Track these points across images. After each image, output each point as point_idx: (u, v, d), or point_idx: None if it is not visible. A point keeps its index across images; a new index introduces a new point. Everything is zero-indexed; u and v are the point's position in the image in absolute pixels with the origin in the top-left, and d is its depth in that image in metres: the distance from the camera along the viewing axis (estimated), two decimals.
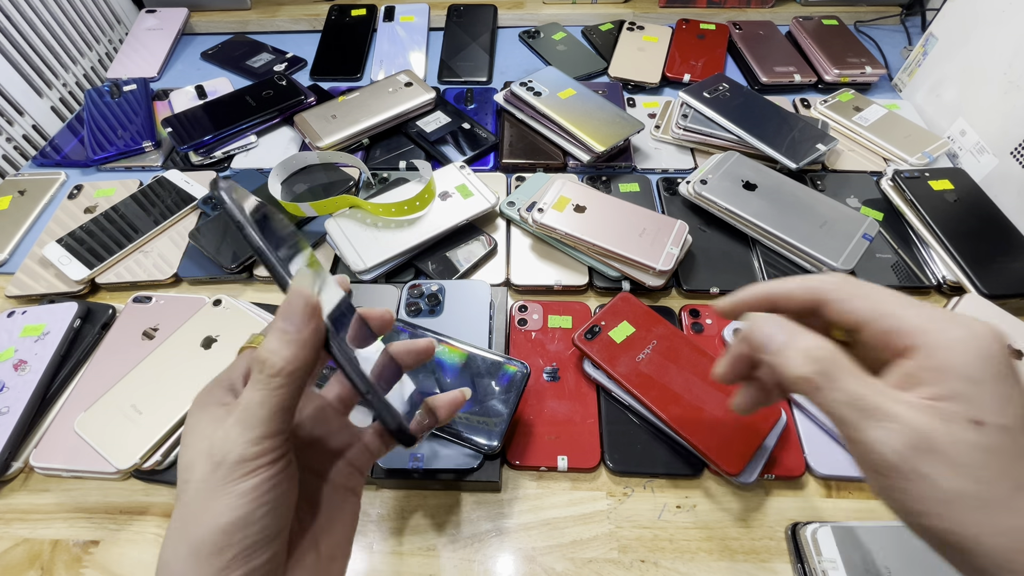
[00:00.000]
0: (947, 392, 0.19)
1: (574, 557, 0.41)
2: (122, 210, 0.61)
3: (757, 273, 0.56)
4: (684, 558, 0.40)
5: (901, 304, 0.22)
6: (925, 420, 0.18)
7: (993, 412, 0.18)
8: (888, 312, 0.21)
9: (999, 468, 0.18)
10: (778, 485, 0.44)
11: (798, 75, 0.78)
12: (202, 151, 0.68)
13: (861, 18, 0.91)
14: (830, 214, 0.57)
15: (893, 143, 0.68)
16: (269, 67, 0.83)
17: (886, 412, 0.19)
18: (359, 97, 0.71)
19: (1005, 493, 0.18)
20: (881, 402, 0.19)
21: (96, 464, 0.43)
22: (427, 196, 0.58)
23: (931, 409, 0.19)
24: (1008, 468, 0.18)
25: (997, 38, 0.64)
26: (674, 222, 0.56)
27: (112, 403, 0.45)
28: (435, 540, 0.42)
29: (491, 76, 0.82)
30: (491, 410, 0.44)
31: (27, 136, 0.73)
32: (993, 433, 0.18)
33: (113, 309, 0.54)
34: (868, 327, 0.22)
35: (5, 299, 0.56)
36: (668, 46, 0.84)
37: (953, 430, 0.18)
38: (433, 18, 0.90)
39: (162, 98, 0.77)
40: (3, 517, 0.43)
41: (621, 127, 0.66)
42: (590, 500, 0.43)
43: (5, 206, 0.64)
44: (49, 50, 0.76)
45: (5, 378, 0.47)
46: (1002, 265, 0.55)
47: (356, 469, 0.28)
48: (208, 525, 0.20)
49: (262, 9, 0.92)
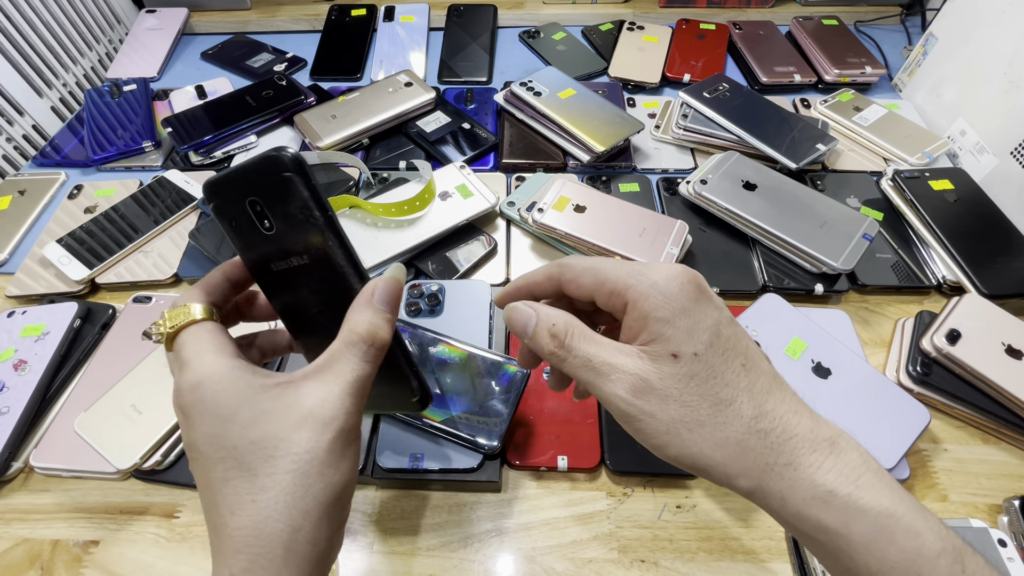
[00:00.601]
0: (650, 336, 0.21)
1: (574, 557, 0.41)
2: (122, 210, 0.61)
3: (757, 273, 0.56)
4: (684, 558, 0.40)
5: (615, 267, 0.23)
6: (639, 365, 0.21)
7: (683, 343, 0.21)
8: (605, 278, 0.23)
9: (698, 391, 0.20)
10: None
11: (798, 75, 0.78)
12: (202, 151, 0.68)
13: (861, 18, 0.91)
14: (830, 214, 0.57)
15: (893, 143, 0.68)
16: (269, 67, 0.83)
17: (611, 366, 0.22)
18: (359, 97, 0.71)
19: (707, 411, 0.20)
20: (607, 358, 0.22)
21: (96, 464, 0.43)
22: (427, 196, 0.58)
23: (643, 354, 0.21)
24: (705, 389, 0.20)
25: (997, 38, 0.64)
26: (674, 222, 0.56)
27: (112, 403, 0.45)
28: (435, 540, 0.42)
29: (491, 76, 0.82)
30: (491, 410, 0.44)
31: (27, 136, 0.73)
32: (687, 362, 0.20)
33: (113, 309, 0.54)
34: (597, 296, 0.24)
35: (5, 299, 0.56)
36: (668, 46, 0.84)
37: (660, 368, 0.21)
38: (433, 18, 0.90)
39: (162, 98, 0.77)
40: (3, 517, 0.43)
41: (621, 127, 0.66)
42: (590, 500, 0.43)
43: (5, 206, 0.64)
44: (49, 50, 0.76)
45: (5, 378, 0.47)
46: (1002, 265, 0.55)
47: None
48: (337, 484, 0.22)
49: (262, 9, 0.92)
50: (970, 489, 0.44)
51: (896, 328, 0.53)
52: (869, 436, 0.43)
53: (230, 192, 0.25)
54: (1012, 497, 0.42)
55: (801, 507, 0.20)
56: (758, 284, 0.55)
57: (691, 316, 0.21)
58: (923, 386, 0.47)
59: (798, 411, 0.21)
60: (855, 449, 0.21)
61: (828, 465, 0.20)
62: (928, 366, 0.47)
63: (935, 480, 0.44)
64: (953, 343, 0.46)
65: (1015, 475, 0.45)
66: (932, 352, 0.47)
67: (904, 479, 0.43)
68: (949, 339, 0.47)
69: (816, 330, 0.49)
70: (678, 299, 0.21)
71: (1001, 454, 0.46)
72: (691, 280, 0.22)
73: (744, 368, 0.21)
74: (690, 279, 0.22)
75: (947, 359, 0.47)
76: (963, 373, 0.46)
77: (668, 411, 0.21)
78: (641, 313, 0.22)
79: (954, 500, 0.43)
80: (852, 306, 0.56)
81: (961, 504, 0.43)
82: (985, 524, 0.40)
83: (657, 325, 0.21)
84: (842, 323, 0.52)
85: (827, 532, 0.20)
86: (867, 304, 0.56)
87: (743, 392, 0.21)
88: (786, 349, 0.48)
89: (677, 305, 0.21)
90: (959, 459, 0.46)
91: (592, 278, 0.24)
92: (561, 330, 0.23)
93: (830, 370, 0.47)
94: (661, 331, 0.21)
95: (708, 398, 0.21)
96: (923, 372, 0.47)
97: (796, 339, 0.49)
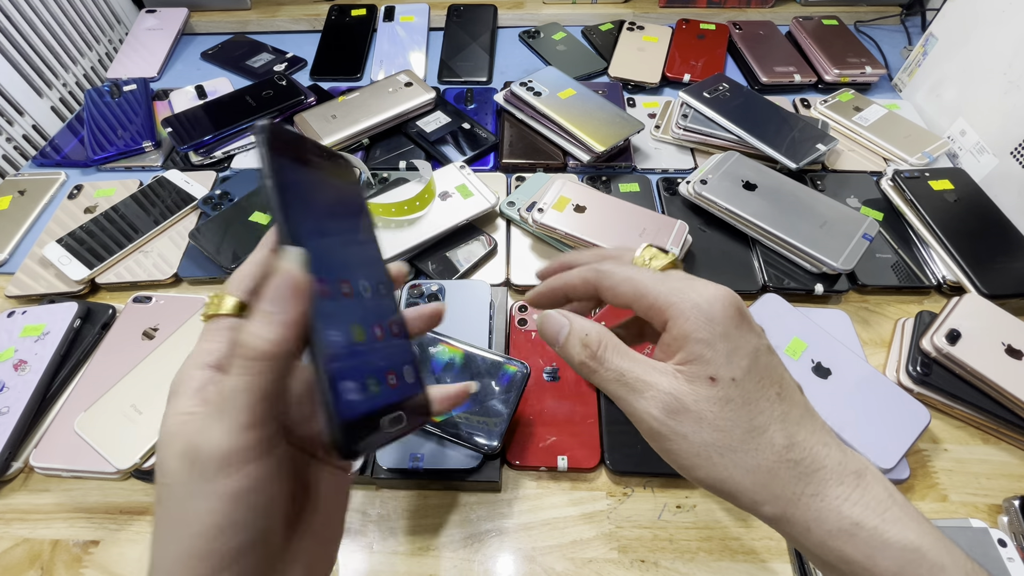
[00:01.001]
0: (688, 356, 0.21)
1: (574, 557, 0.41)
2: (122, 210, 0.61)
3: (757, 273, 0.56)
4: (684, 558, 0.40)
5: (655, 281, 0.23)
6: (675, 385, 0.21)
7: (722, 367, 0.20)
8: (644, 292, 0.23)
9: (733, 416, 0.20)
10: None
11: (798, 75, 0.78)
12: (202, 151, 0.68)
13: (861, 18, 0.91)
14: (830, 214, 0.57)
15: (893, 143, 0.68)
16: (269, 67, 0.83)
17: (645, 383, 0.21)
18: (359, 97, 0.71)
19: (739, 436, 0.20)
20: (640, 374, 0.22)
21: (96, 464, 0.43)
22: (427, 196, 0.58)
23: (679, 374, 0.21)
24: (739, 415, 0.20)
25: (997, 38, 0.64)
26: (674, 222, 0.56)
27: (112, 403, 0.45)
28: (435, 540, 0.42)
29: (491, 76, 0.82)
30: (491, 410, 0.44)
31: (27, 136, 0.73)
32: (725, 386, 0.20)
33: (113, 309, 0.54)
34: (636, 308, 0.24)
35: (5, 299, 0.56)
36: (668, 46, 0.84)
37: (696, 389, 0.21)
38: (433, 18, 0.90)
39: (162, 98, 0.77)
40: (3, 517, 0.43)
41: (621, 127, 0.66)
42: (590, 500, 0.43)
43: (5, 206, 0.64)
44: (49, 50, 0.76)
45: (5, 378, 0.47)
46: (1002, 265, 0.55)
47: None
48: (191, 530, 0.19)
49: (262, 9, 0.92)
50: (970, 489, 0.44)
51: (896, 328, 0.53)
52: (869, 436, 0.43)
53: None
54: (1012, 497, 0.42)
55: (826, 538, 0.20)
56: (758, 284, 0.55)
57: (732, 340, 0.21)
58: (923, 386, 0.47)
59: (827, 443, 0.21)
60: (881, 483, 0.21)
61: (855, 497, 0.20)
62: (928, 366, 0.47)
63: (935, 480, 0.44)
64: (953, 343, 0.46)
65: (1015, 475, 0.45)
66: (932, 352, 0.47)
67: (904, 479, 0.43)
68: (949, 339, 0.47)
69: (816, 330, 0.49)
70: (720, 322, 0.21)
71: (1001, 454, 0.46)
72: (734, 303, 0.22)
73: (779, 397, 0.21)
74: (733, 302, 0.22)
75: (947, 359, 0.47)
76: (963, 373, 0.46)
77: (701, 434, 0.21)
78: (681, 332, 0.21)
79: (954, 500, 0.43)
80: (852, 306, 0.56)
81: (961, 504, 0.43)
82: (985, 524, 0.40)
83: (697, 346, 0.21)
84: (842, 323, 0.52)
85: (851, 564, 0.20)
86: (867, 304, 0.56)
87: (776, 421, 0.21)
88: (786, 349, 0.48)
89: (719, 328, 0.21)
90: (959, 459, 0.46)
91: (631, 289, 0.23)
92: (594, 341, 0.23)
93: (830, 370, 0.47)
94: (701, 352, 0.21)
95: (742, 424, 0.21)
96: (923, 372, 0.47)
97: (796, 339, 0.49)
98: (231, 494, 0.19)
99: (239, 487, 0.19)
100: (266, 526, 0.20)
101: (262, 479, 0.19)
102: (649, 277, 0.23)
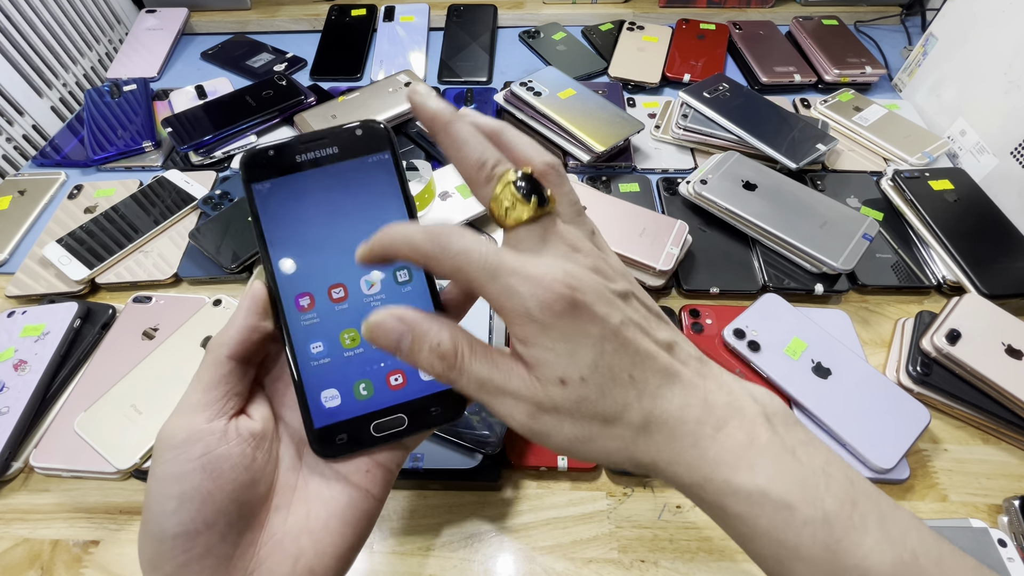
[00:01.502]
0: (533, 360, 0.21)
1: (574, 557, 0.41)
2: (122, 210, 0.61)
3: (757, 273, 0.56)
4: (684, 558, 0.40)
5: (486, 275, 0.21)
6: (531, 391, 0.21)
7: (568, 368, 0.20)
8: (478, 289, 0.21)
9: (589, 411, 0.21)
10: None
11: (798, 75, 0.78)
12: (202, 151, 0.68)
13: (861, 18, 0.91)
14: (830, 214, 0.57)
15: (893, 143, 0.68)
16: (269, 67, 0.83)
17: (505, 391, 0.21)
18: (359, 97, 0.71)
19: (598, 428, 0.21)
20: (501, 382, 0.21)
21: (96, 464, 0.43)
22: (427, 196, 0.58)
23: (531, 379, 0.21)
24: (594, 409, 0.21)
25: (997, 38, 0.64)
26: (674, 222, 0.56)
27: (112, 403, 0.45)
28: (435, 540, 0.42)
29: (491, 76, 0.82)
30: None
31: (27, 136, 0.73)
32: (576, 386, 0.20)
33: (113, 309, 0.54)
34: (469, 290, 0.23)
35: (5, 299, 0.56)
36: (668, 46, 0.84)
37: (549, 392, 0.21)
38: (433, 18, 0.90)
39: (162, 98, 0.77)
40: (3, 517, 0.43)
41: (621, 127, 0.66)
42: (590, 500, 0.43)
43: (5, 206, 0.64)
44: (49, 50, 0.76)
45: (5, 378, 0.47)
46: (1002, 265, 0.55)
47: (378, 464, 0.25)
48: (146, 513, 0.21)
49: (262, 9, 0.92)
50: (970, 489, 0.44)
51: (896, 328, 0.53)
52: (869, 436, 0.43)
53: None
54: (1012, 497, 0.42)
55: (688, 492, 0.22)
56: (758, 284, 0.55)
57: (570, 339, 0.20)
58: (923, 386, 0.47)
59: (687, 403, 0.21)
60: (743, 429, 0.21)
61: (711, 453, 0.21)
62: (928, 366, 0.47)
63: (935, 480, 0.44)
64: (953, 343, 0.46)
65: (1015, 475, 0.45)
66: (932, 352, 0.47)
67: (904, 479, 0.43)
68: (949, 339, 0.47)
69: (816, 330, 0.49)
70: (554, 324, 0.20)
71: (1001, 454, 0.46)
72: (562, 299, 0.20)
73: (632, 379, 0.21)
74: (561, 298, 0.20)
75: (947, 359, 0.47)
76: (963, 373, 0.46)
77: (563, 431, 0.21)
78: (520, 336, 0.21)
79: (954, 500, 0.43)
80: (852, 306, 0.56)
81: (961, 504, 0.43)
82: (985, 524, 0.40)
83: (537, 351, 0.21)
84: (842, 323, 0.52)
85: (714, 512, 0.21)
86: (867, 304, 0.56)
87: (632, 401, 0.21)
88: (786, 349, 0.48)
89: (554, 332, 0.20)
90: (959, 459, 0.46)
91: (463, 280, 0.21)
92: (450, 351, 0.21)
93: (830, 370, 0.47)
94: (543, 357, 0.20)
95: (597, 417, 0.21)
96: (923, 372, 0.47)
97: (796, 339, 0.49)
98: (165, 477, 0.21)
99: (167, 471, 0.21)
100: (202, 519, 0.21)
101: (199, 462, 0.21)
102: (477, 268, 0.20)
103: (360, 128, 0.25)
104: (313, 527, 0.23)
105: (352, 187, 0.25)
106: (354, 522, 0.24)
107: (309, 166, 0.25)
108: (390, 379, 0.25)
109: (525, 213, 0.21)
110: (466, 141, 0.22)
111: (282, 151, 0.25)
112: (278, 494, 0.24)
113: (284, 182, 0.24)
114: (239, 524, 0.22)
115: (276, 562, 0.22)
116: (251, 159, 0.24)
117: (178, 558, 0.20)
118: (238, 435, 0.22)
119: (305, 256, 0.24)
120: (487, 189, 0.22)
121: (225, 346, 0.23)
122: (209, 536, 0.21)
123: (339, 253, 0.24)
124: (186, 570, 0.21)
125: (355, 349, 0.24)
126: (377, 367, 0.25)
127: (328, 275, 0.24)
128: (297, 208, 0.24)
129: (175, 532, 0.20)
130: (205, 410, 0.22)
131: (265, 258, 0.24)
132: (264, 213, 0.24)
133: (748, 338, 0.49)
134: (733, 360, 0.50)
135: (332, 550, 0.23)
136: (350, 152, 0.25)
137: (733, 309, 0.52)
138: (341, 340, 0.24)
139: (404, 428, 0.24)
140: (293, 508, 0.23)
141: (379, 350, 0.23)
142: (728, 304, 0.54)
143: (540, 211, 0.22)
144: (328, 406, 0.24)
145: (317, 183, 0.25)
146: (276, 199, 0.24)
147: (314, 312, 0.24)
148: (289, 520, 0.23)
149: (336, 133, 0.25)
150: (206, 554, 0.21)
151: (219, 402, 0.23)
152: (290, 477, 0.24)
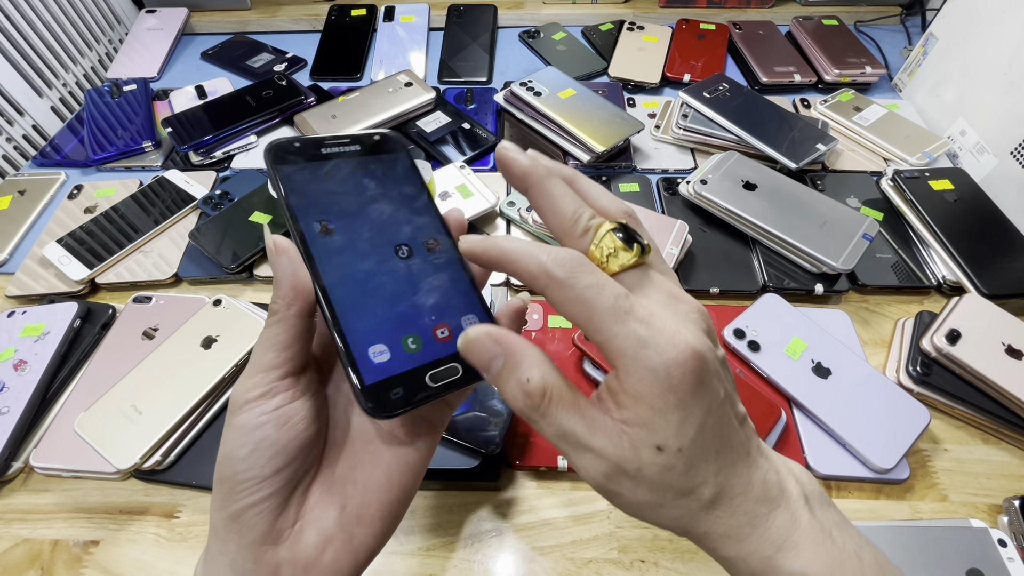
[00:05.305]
0: (636, 419, 0.20)
1: (574, 557, 0.41)
2: (122, 210, 0.61)
3: (757, 273, 0.56)
4: (684, 558, 0.40)
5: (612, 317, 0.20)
6: (618, 452, 0.20)
7: (671, 437, 0.20)
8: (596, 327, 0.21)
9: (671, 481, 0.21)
10: None
11: (798, 75, 0.78)
12: (202, 151, 0.68)
13: (861, 18, 0.91)
14: (830, 214, 0.57)
15: (893, 143, 0.68)
16: (269, 67, 0.83)
17: (587, 446, 0.21)
18: (359, 97, 0.71)
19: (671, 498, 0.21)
20: (583, 437, 0.21)
21: (96, 464, 0.43)
22: None
23: (623, 435, 0.20)
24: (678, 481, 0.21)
25: (997, 38, 0.64)
26: (674, 222, 0.56)
27: (112, 403, 0.45)
28: (435, 540, 0.42)
29: (491, 76, 0.82)
30: (491, 410, 0.44)
31: (27, 136, 0.73)
32: (670, 455, 0.20)
33: (113, 309, 0.54)
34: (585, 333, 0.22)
35: (5, 299, 0.56)
36: (668, 46, 0.84)
37: (640, 456, 0.20)
38: (433, 18, 0.90)
39: (162, 98, 0.77)
40: (3, 517, 0.43)
41: (621, 127, 0.66)
42: (590, 500, 0.43)
43: (5, 206, 0.64)
44: (49, 50, 0.76)
45: (5, 378, 0.47)
46: (1002, 265, 0.55)
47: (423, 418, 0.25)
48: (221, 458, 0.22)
49: (262, 9, 0.92)
50: (970, 489, 0.44)
51: (896, 328, 0.53)
52: (869, 436, 0.43)
53: None
54: (1012, 497, 0.42)
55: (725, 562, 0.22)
56: (758, 284, 0.55)
57: (685, 410, 0.20)
58: (923, 386, 0.47)
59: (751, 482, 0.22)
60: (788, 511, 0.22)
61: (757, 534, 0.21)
62: (928, 366, 0.47)
63: (935, 480, 0.44)
64: (953, 343, 0.46)
65: (1015, 475, 0.45)
66: (932, 352, 0.47)
67: (904, 479, 0.43)
68: (949, 339, 0.47)
69: (816, 330, 0.49)
70: (678, 391, 0.20)
71: (1001, 454, 0.46)
72: (695, 369, 0.20)
73: (716, 454, 0.21)
74: (695, 367, 0.20)
75: (947, 359, 0.47)
76: (963, 373, 0.46)
77: (636, 495, 0.21)
78: (633, 392, 0.20)
79: (954, 500, 0.43)
80: (852, 306, 0.56)
81: (961, 504, 0.43)
82: (985, 524, 0.40)
83: (647, 412, 0.20)
84: (842, 323, 0.52)
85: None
86: (867, 304, 0.56)
87: (710, 478, 0.21)
88: (786, 349, 0.48)
89: (674, 399, 0.20)
90: (959, 459, 0.46)
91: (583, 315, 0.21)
92: (537, 392, 0.21)
93: (830, 370, 0.47)
94: (651, 420, 0.20)
95: (674, 488, 0.21)
96: (923, 372, 0.47)
97: (796, 339, 0.49)
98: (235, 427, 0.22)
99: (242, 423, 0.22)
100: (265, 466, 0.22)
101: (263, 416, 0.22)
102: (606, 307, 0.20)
103: (377, 135, 0.28)
104: (359, 478, 0.24)
105: (372, 172, 0.27)
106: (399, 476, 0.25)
107: (333, 157, 0.27)
108: (436, 332, 0.25)
109: (629, 259, 0.22)
110: (561, 196, 0.23)
111: (307, 143, 0.26)
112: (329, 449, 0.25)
113: (308, 166, 0.26)
114: (300, 472, 0.23)
115: (325, 506, 0.23)
116: (277, 146, 0.26)
117: (246, 499, 0.22)
118: (305, 391, 0.24)
119: (336, 223, 0.25)
120: (583, 240, 0.23)
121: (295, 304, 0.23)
122: (274, 480, 0.22)
123: (367, 222, 0.26)
124: (251, 510, 0.22)
125: (398, 305, 0.25)
126: (423, 322, 0.25)
127: (360, 240, 0.25)
128: (323, 186, 0.26)
129: (246, 476, 0.22)
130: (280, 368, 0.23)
131: (294, 227, 0.25)
132: (291, 191, 0.25)
133: (748, 338, 0.49)
134: (733, 360, 0.50)
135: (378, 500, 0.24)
136: (369, 151, 0.28)
137: (733, 309, 0.52)
138: (381, 299, 0.25)
139: (459, 376, 0.24)
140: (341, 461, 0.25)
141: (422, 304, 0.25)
142: (728, 304, 0.54)
143: (642, 258, 0.22)
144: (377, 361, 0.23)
145: (339, 168, 0.27)
146: (302, 177, 0.26)
147: (350, 272, 0.25)
148: (337, 471, 0.24)
149: (356, 136, 0.28)
150: (270, 496, 0.22)
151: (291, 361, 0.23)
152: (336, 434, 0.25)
